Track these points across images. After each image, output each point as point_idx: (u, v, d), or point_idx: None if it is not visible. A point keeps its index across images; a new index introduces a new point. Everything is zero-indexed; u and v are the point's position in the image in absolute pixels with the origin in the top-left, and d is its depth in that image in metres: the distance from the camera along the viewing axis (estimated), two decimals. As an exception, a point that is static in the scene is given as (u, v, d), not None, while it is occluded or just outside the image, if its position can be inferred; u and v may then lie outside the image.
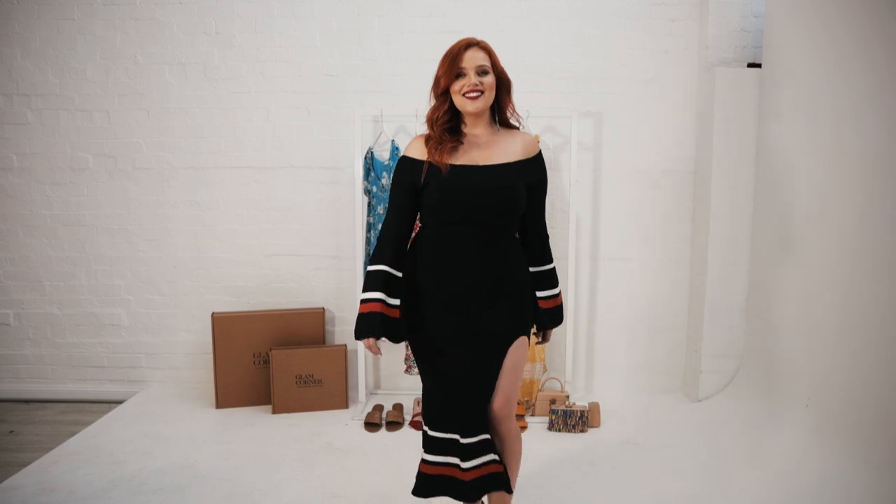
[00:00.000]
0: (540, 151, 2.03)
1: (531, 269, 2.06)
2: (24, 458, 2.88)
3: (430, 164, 1.91)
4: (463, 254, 1.91)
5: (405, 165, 1.96)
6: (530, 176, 1.98)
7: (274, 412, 3.35)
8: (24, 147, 3.63)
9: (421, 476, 2.01)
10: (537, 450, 2.92)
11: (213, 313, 3.48)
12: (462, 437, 1.92)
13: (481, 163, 1.93)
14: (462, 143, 1.95)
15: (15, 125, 3.62)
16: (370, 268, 1.95)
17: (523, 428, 3.13)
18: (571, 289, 3.47)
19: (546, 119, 3.48)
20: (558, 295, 2.11)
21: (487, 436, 1.93)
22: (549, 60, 3.52)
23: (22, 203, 3.67)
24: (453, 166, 1.91)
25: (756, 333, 3.29)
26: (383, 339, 1.97)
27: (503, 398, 1.95)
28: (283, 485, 2.60)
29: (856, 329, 2.51)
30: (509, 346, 1.96)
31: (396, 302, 1.95)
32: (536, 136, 3.35)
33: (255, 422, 3.26)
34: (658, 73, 3.51)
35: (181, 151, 3.63)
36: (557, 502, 2.47)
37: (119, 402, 3.57)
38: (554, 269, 2.11)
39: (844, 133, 2.60)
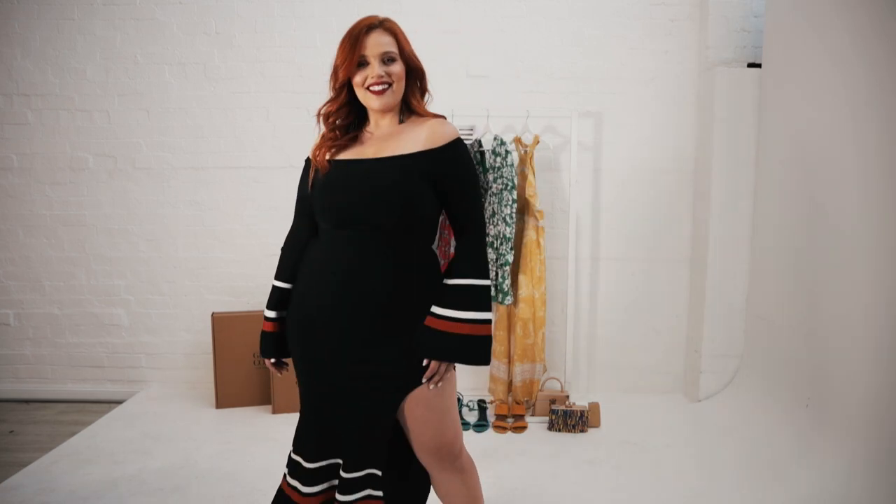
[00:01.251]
0: (456, 140, 1.62)
1: (445, 283, 1.63)
2: (24, 458, 2.88)
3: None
4: (342, 266, 1.59)
5: (304, 167, 1.75)
6: (433, 170, 1.59)
7: (274, 412, 3.35)
8: (24, 147, 3.63)
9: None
10: (537, 450, 2.92)
11: (213, 313, 3.48)
12: (343, 469, 1.66)
13: (369, 156, 1.61)
14: (360, 139, 1.67)
15: (15, 125, 3.62)
16: (273, 281, 1.79)
17: (523, 428, 3.13)
18: (572, 289, 3.46)
19: (546, 119, 3.48)
20: (472, 322, 1.58)
21: (374, 471, 1.65)
22: (549, 60, 3.52)
23: (22, 203, 3.67)
24: (336, 162, 1.63)
25: (756, 333, 3.29)
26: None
27: (431, 449, 1.65)
28: (283, 485, 2.60)
29: (856, 329, 2.51)
30: (405, 394, 1.61)
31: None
32: (525, 138, 3.34)
33: (255, 422, 3.26)
34: (658, 73, 3.52)
35: (181, 151, 3.63)
36: (557, 502, 2.47)
37: (119, 402, 3.57)
38: (472, 287, 1.60)
39: (844, 133, 2.60)
